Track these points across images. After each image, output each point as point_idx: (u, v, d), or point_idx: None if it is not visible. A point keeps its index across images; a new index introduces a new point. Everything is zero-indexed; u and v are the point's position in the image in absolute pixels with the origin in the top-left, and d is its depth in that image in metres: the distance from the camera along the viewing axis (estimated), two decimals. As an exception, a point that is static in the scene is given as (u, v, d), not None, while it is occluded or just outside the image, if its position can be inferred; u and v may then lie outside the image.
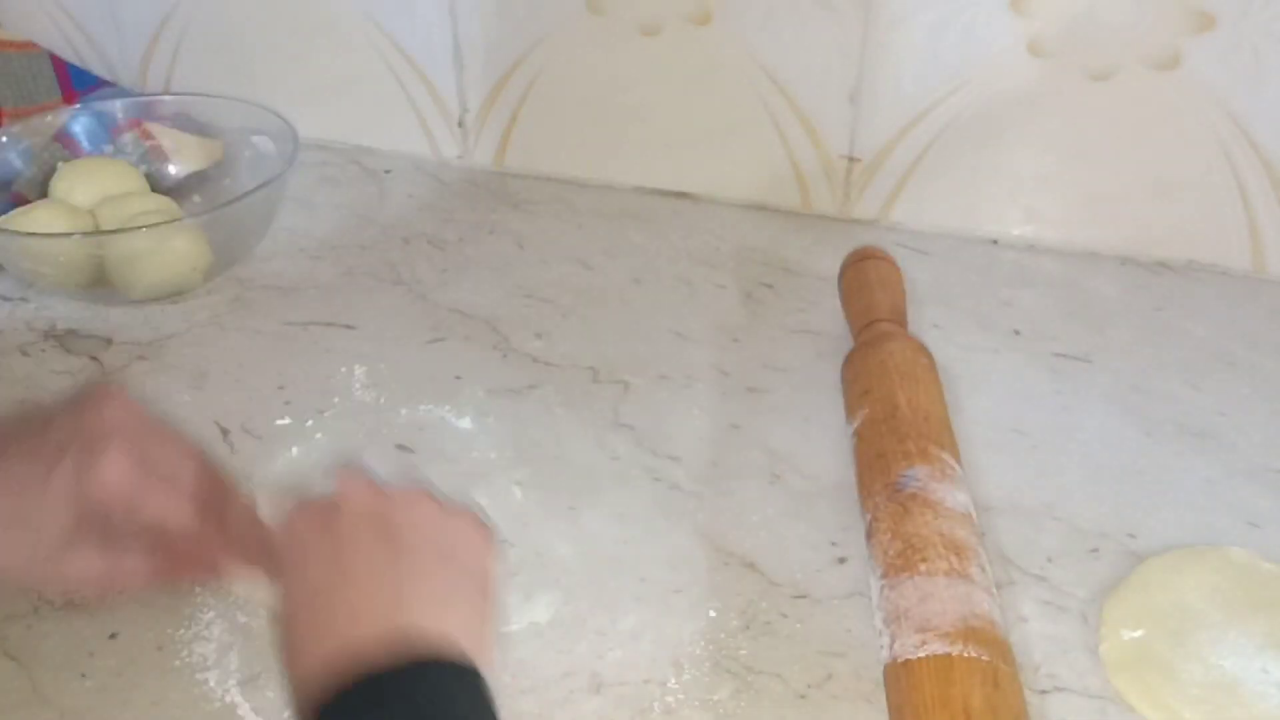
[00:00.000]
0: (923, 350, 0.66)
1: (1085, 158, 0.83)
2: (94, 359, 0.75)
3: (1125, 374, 0.72)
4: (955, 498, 0.56)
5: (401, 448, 0.67)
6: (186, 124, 0.92)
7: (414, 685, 0.36)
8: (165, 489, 0.43)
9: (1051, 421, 0.68)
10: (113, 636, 0.55)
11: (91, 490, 0.42)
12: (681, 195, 0.94)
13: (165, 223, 0.78)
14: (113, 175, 0.85)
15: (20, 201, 0.84)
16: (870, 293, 0.72)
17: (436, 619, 0.38)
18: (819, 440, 0.67)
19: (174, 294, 0.81)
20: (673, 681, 0.52)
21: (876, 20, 0.81)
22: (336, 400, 0.71)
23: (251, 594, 0.52)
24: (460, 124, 0.98)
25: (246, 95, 0.92)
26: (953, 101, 0.83)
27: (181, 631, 0.55)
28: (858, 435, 0.62)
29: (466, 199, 0.95)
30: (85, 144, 0.90)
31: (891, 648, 0.50)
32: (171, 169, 0.91)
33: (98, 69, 1.06)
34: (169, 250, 0.78)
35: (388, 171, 0.99)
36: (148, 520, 0.43)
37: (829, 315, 0.78)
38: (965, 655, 0.48)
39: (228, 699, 0.52)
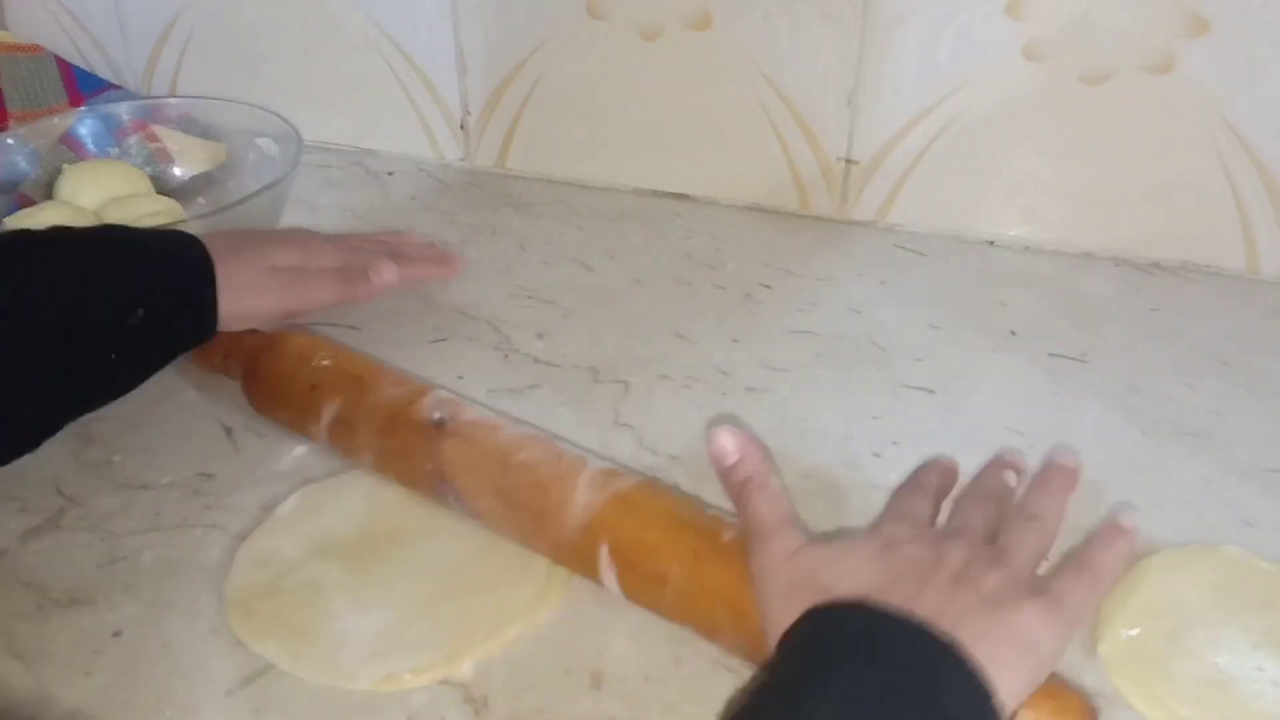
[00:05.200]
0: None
1: (1081, 160, 0.83)
2: (99, 360, 0.76)
3: (1121, 374, 0.73)
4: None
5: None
6: (191, 126, 0.93)
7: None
8: None
9: (1048, 421, 0.69)
10: (117, 634, 0.55)
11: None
12: (681, 197, 0.95)
13: (170, 224, 0.79)
14: (118, 177, 0.85)
15: (26, 203, 0.85)
16: None
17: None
18: (819, 440, 0.67)
19: (178, 295, 0.81)
20: (673, 678, 0.53)
21: (874, 24, 0.82)
22: (339, 400, 0.71)
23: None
24: (462, 126, 0.99)
25: (250, 98, 0.92)
26: (949, 104, 0.83)
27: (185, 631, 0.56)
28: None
29: (468, 201, 0.96)
30: (91, 146, 0.90)
31: None
32: (176, 171, 0.91)
33: (103, 72, 1.07)
34: (173, 252, 0.79)
35: (390, 173, 1.00)
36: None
37: (829, 315, 0.79)
38: None
39: (230, 698, 0.52)
